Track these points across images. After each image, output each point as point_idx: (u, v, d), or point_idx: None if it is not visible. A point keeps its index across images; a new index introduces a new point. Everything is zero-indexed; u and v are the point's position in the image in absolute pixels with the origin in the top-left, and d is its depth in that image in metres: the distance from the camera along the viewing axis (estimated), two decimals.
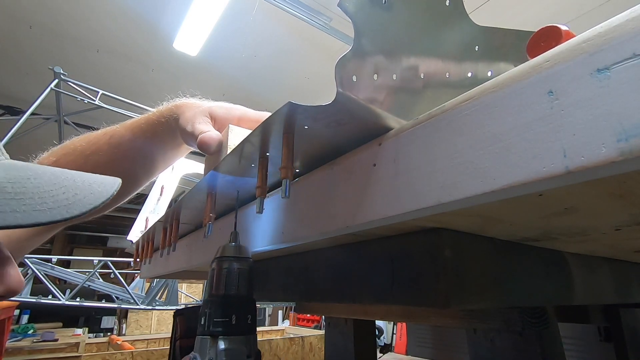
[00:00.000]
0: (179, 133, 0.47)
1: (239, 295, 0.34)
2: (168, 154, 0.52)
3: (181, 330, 0.45)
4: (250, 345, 0.33)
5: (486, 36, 0.42)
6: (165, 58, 3.64)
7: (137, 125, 0.49)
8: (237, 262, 0.35)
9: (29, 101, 2.68)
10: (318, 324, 5.22)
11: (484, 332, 0.43)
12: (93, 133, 0.52)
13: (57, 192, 0.29)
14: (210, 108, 0.47)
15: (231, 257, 0.35)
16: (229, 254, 0.35)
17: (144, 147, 0.49)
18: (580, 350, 0.87)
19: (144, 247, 0.85)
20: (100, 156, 0.48)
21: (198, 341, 0.32)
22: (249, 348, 0.33)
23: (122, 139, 0.49)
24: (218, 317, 0.32)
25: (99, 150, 0.49)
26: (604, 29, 0.17)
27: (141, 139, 0.49)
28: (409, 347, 1.44)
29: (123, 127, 0.50)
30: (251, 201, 0.49)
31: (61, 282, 3.41)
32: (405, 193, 0.25)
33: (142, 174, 0.53)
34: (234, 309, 0.33)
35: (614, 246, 0.41)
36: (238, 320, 0.33)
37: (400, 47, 0.31)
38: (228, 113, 0.47)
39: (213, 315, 0.32)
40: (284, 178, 0.30)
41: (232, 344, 0.32)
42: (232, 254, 0.35)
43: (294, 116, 0.28)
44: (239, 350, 0.32)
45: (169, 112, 0.48)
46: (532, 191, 0.19)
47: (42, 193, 0.28)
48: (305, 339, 3.16)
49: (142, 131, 0.49)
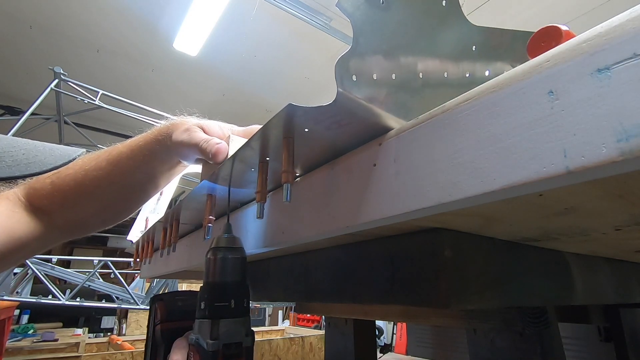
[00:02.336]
0: (174, 149, 0.47)
1: (235, 282, 0.36)
2: (165, 173, 0.53)
3: (161, 315, 0.47)
4: (246, 325, 0.36)
5: (483, 36, 0.42)
6: (165, 58, 3.65)
7: (135, 143, 0.50)
8: (231, 251, 0.37)
9: (29, 101, 2.67)
10: (318, 324, 5.22)
11: (484, 332, 0.43)
12: (94, 152, 0.53)
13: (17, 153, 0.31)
14: (201, 122, 0.48)
15: (226, 247, 0.37)
16: (223, 244, 0.37)
17: (141, 166, 0.49)
18: (580, 350, 0.87)
19: (144, 247, 0.85)
20: (99, 172, 0.49)
21: (197, 324, 0.35)
22: (245, 328, 0.36)
23: (120, 156, 0.49)
24: (217, 301, 0.35)
25: (99, 166, 0.49)
26: (604, 29, 0.17)
27: (139, 157, 0.49)
28: (409, 347, 1.44)
29: (122, 145, 0.51)
30: (251, 201, 0.49)
31: (61, 282, 3.41)
32: (406, 193, 0.25)
33: (140, 193, 0.54)
34: (231, 294, 0.35)
35: (614, 246, 0.41)
36: (236, 303, 0.35)
37: (398, 46, 0.31)
38: (219, 126, 0.49)
39: (212, 300, 0.35)
40: (285, 182, 0.31)
41: (232, 325, 0.34)
42: (226, 245, 0.37)
43: (294, 118, 0.28)
44: (238, 330, 0.35)
45: (165, 130, 0.48)
46: (532, 191, 0.19)
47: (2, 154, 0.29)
48: (305, 339, 3.16)
49: (139, 149, 0.49)
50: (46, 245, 0.53)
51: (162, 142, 0.48)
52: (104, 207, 0.53)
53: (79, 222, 0.53)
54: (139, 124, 3.00)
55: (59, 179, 0.49)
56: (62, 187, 0.49)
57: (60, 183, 0.49)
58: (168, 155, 0.49)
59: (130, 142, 0.50)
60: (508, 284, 0.34)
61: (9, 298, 2.36)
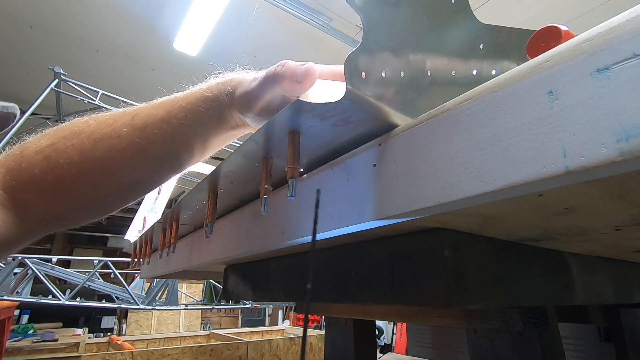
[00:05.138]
0: (243, 106, 0.39)
1: None
2: (210, 139, 0.43)
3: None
4: None
5: (490, 34, 0.42)
6: (165, 58, 3.64)
7: (174, 102, 0.40)
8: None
9: (29, 101, 2.67)
10: (318, 324, 5.22)
11: (484, 332, 0.43)
12: (107, 113, 0.42)
13: None
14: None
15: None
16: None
17: (181, 130, 0.40)
18: (580, 350, 0.87)
19: (142, 247, 0.85)
20: (117, 140, 0.38)
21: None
22: None
23: (150, 119, 0.39)
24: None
25: (116, 132, 0.39)
26: (604, 29, 0.17)
27: (178, 119, 0.39)
28: (409, 347, 1.44)
29: (152, 106, 0.41)
30: (251, 201, 0.49)
31: (61, 282, 3.41)
32: (405, 193, 0.25)
33: (172, 164, 0.43)
34: None
35: (614, 246, 0.41)
36: None
37: (407, 43, 0.31)
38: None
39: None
40: (290, 178, 0.30)
41: None
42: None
43: (301, 115, 0.28)
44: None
45: (219, 87, 0.40)
46: (532, 191, 0.19)
47: None
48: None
49: (180, 109, 0.39)
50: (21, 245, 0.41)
51: (215, 100, 0.40)
52: (115, 187, 0.41)
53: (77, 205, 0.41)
54: None
55: (55, 152, 0.38)
56: (61, 162, 0.37)
57: (57, 158, 0.37)
58: (219, 118, 0.41)
59: (165, 102, 0.41)
60: (508, 284, 0.34)
61: (9, 298, 2.36)
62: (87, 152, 0.38)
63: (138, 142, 0.39)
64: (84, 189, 0.39)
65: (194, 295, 3.81)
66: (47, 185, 0.38)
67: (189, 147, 0.42)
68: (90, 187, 0.40)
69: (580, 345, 0.87)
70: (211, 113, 0.40)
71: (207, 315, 6.31)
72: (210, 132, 0.42)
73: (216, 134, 0.43)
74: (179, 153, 0.42)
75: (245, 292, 0.65)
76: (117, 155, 0.39)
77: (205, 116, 0.40)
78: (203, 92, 0.40)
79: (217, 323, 6.48)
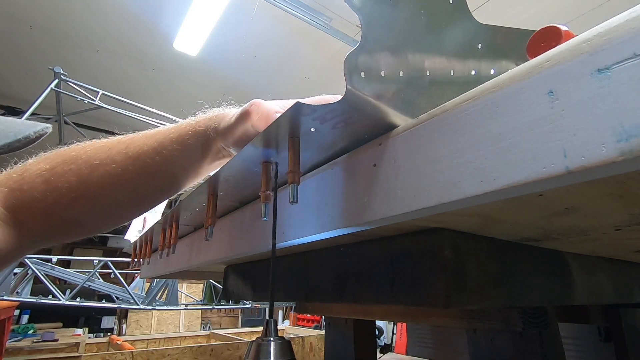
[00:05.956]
0: (224, 137, 0.42)
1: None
2: (198, 168, 0.46)
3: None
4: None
5: (488, 34, 0.42)
6: (165, 58, 3.64)
7: (165, 135, 0.43)
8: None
9: (29, 101, 2.67)
10: (318, 324, 5.22)
11: (484, 332, 0.43)
12: (101, 140, 0.45)
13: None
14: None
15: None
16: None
17: (170, 160, 0.43)
18: (580, 350, 0.87)
19: (142, 247, 0.85)
20: (112, 167, 0.41)
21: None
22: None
23: (143, 149, 0.42)
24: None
25: (111, 160, 0.42)
26: (604, 29, 0.17)
27: (169, 151, 0.42)
28: (409, 347, 1.44)
29: (145, 136, 0.44)
30: (250, 201, 0.49)
31: (61, 282, 3.41)
32: (406, 193, 0.25)
33: (164, 190, 0.47)
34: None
35: (614, 246, 0.41)
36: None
37: (406, 43, 0.31)
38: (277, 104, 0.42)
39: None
40: (291, 183, 0.30)
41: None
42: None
43: (300, 117, 0.28)
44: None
45: (206, 122, 0.43)
46: (532, 191, 0.19)
47: None
48: (305, 339, 3.16)
49: (170, 141, 0.43)
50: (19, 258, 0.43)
51: (202, 134, 0.43)
52: (109, 210, 0.45)
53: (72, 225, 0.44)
54: (139, 124, 3.00)
55: (54, 175, 0.41)
56: (59, 186, 0.40)
57: (56, 181, 0.40)
58: (205, 150, 0.44)
59: (157, 132, 0.44)
60: (508, 284, 0.34)
61: (9, 298, 2.36)
62: (84, 177, 0.41)
63: (132, 170, 0.42)
64: (80, 211, 0.43)
65: (194, 295, 3.81)
66: (46, 207, 0.41)
67: (179, 175, 0.46)
68: (86, 210, 0.43)
69: (580, 345, 0.87)
70: (199, 146, 0.44)
71: (207, 315, 6.31)
72: (198, 162, 0.46)
73: (204, 163, 0.46)
74: (170, 180, 0.46)
75: (245, 292, 0.65)
76: (112, 181, 0.42)
77: (194, 148, 0.44)
78: (192, 127, 0.44)
79: (217, 323, 6.48)
